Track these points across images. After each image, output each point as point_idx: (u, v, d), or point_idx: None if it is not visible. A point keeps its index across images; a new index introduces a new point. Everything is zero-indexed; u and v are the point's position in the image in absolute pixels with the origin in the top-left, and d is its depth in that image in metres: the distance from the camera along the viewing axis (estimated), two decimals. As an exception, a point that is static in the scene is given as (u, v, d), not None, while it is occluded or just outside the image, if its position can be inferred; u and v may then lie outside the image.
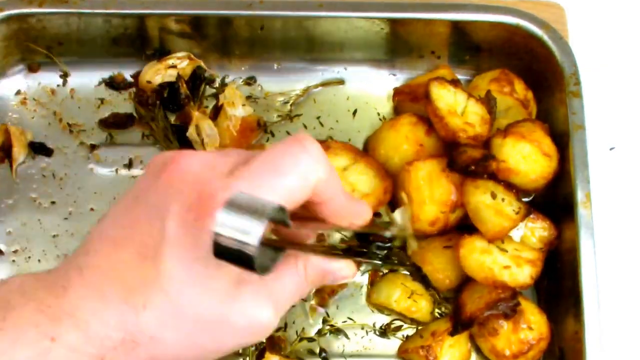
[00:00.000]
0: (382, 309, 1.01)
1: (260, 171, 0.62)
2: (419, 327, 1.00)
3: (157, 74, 1.09)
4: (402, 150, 1.03)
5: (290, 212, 0.62)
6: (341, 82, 1.13)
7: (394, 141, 1.03)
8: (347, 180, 1.00)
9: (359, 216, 0.70)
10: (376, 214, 0.97)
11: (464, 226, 1.00)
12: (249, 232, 0.55)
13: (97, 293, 0.61)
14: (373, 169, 1.02)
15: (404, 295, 0.99)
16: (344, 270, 0.70)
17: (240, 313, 0.63)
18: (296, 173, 0.62)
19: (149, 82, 1.09)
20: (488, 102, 1.00)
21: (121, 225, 0.64)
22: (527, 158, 0.97)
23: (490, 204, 0.94)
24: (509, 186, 0.96)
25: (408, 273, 1.03)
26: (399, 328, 1.01)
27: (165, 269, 0.61)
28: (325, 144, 1.03)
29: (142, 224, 0.63)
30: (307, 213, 0.68)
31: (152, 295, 0.61)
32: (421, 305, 0.99)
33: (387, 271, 1.03)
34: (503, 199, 0.94)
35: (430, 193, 0.98)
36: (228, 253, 0.56)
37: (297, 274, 0.67)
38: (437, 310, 1.01)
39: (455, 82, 1.01)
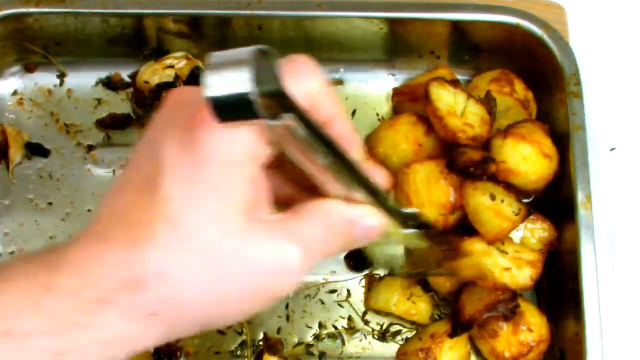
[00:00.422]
0: (380, 311, 1.01)
1: None
2: (418, 329, 1.00)
3: (155, 74, 1.08)
4: (400, 150, 1.02)
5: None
6: (340, 82, 1.12)
7: (393, 140, 1.03)
8: None
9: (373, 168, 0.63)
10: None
11: (464, 227, 1.00)
12: (239, 79, 0.50)
13: (100, 238, 0.55)
14: (373, 164, 1.01)
15: (403, 298, 0.98)
16: (369, 218, 0.61)
17: (258, 247, 0.55)
18: (287, 79, 0.54)
19: (146, 82, 1.08)
20: (488, 102, 0.99)
21: (123, 174, 0.59)
22: (527, 159, 0.96)
23: (490, 205, 0.94)
24: (509, 187, 0.95)
25: (405, 276, 1.02)
26: (398, 333, 1.00)
27: (164, 193, 0.54)
28: None
29: (142, 163, 0.57)
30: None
31: (154, 224, 0.54)
32: (420, 307, 0.99)
33: (383, 275, 1.02)
34: (502, 200, 0.94)
35: (429, 195, 0.97)
36: (229, 111, 0.51)
37: (322, 219, 0.59)
38: (436, 312, 1.01)
39: (454, 83, 1.00)
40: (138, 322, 0.55)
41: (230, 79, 0.51)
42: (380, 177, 0.64)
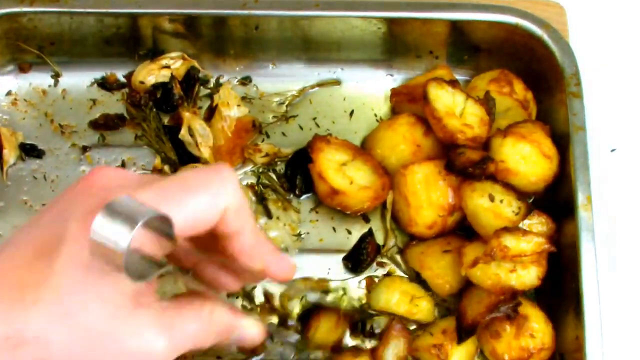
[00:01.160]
0: (383, 313, 0.99)
1: (169, 186, 0.62)
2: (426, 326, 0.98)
3: (150, 74, 1.07)
4: (398, 151, 1.01)
5: (197, 239, 0.62)
6: (337, 82, 1.11)
7: (391, 141, 1.02)
8: (346, 174, 1.00)
9: (277, 264, 0.70)
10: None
11: (463, 228, 0.99)
12: (119, 237, 0.55)
13: None
14: (371, 165, 1.01)
15: (403, 297, 0.97)
16: (252, 329, 0.68)
17: (132, 334, 0.60)
18: (206, 192, 0.62)
19: (141, 82, 1.07)
20: (487, 102, 0.98)
21: (26, 229, 0.63)
22: (527, 159, 0.95)
23: (489, 207, 0.93)
24: (507, 185, 0.94)
25: (406, 276, 1.01)
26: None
27: (59, 266, 0.59)
28: (326, 138, 1.02)
29: (46, 226, 0.62)
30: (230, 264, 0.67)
31: (43, 292, 0.58)
32: (422, 306, 0.97)
33: (382, 275, 1.01)
34: (502, 201, 0.93)
35: (427, 197, 0.97)
36: (102, 255, 0.56)
37: (201, 317, 0.65)
38: (437, 310, 1.00)
39: (453, 83, 0.99)
40: None
41: (112, 232, 0.55)
42: (284, 269, 0.70)
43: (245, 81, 1.11)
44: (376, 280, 1.01)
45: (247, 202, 0.66)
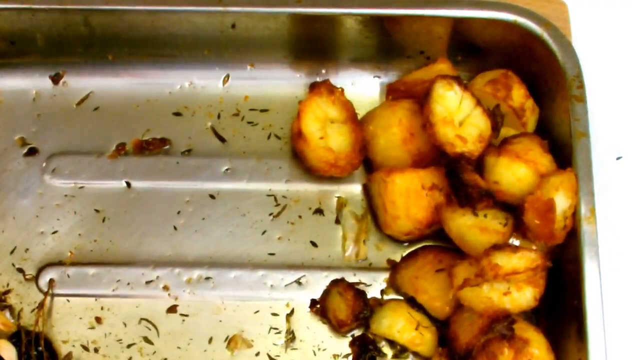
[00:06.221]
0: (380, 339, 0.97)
1: None
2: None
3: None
4: (390, 133, 0.98)
5: None
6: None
7: (386, 121, 0.99)
8: (324, 128, 0.99)
9: None
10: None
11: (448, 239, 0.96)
12: None
13: None
14: (354, 138, 0.99)
15: (407, 325, 0.94)
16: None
17: None
18: None
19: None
20: (494, 117, 0.94)
21: None
22: (523, 180, 0.92)
23: (473, 224, 0.91)
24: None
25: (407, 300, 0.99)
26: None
27: None
28: (333, 89, 1.00)
29: None
30: None
31: None
32: (427, 338, 0.94)
33: (388, 298, 0.99)
34: (485, 215, 0.90)
35: (406, 209, 0.95)
36: None
37: None
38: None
39: (464, 85, 0.95)
40: None
41: None
42: None
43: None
44: (381, 300, 0.99)
45: None
